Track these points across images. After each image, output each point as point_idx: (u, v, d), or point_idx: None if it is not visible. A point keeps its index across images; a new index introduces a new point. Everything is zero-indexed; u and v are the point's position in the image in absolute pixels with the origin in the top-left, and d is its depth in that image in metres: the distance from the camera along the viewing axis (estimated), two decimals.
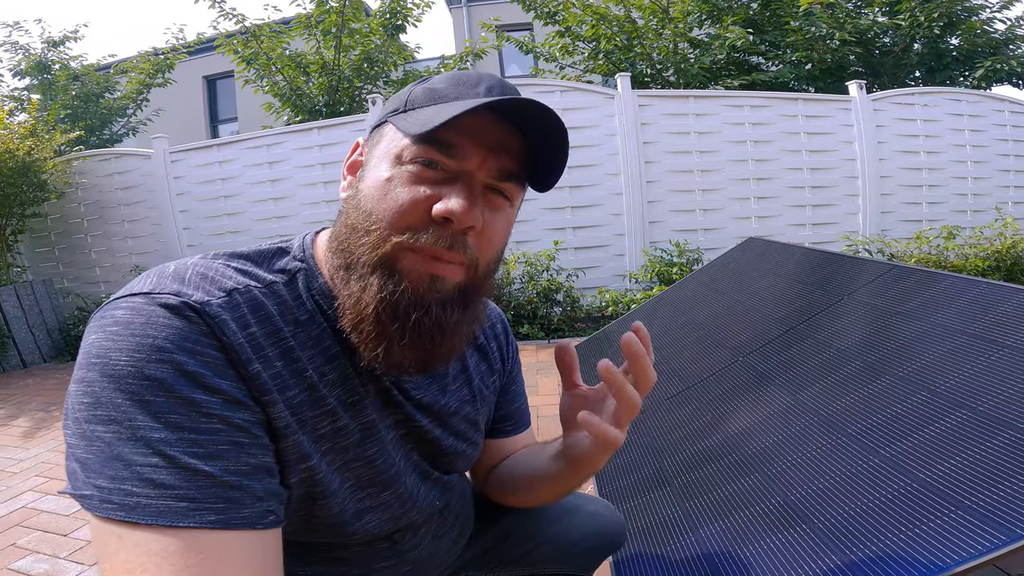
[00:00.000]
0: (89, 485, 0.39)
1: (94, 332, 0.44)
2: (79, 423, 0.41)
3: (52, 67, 6.58)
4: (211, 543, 0.40)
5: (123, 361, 0.41)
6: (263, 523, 0.43)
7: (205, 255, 0.52)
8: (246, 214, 4.77)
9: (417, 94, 0.53)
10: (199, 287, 0.46)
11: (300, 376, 0.50)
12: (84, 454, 0.40)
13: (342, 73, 5.65)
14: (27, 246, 5.27)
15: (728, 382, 1.64)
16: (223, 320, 0.45)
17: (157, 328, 0.42)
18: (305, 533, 0.56)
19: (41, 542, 1.71)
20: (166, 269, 0.48)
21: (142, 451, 0.40)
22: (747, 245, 2.65)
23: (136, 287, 0.46)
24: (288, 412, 0.48)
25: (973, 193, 4.87)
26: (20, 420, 2.97)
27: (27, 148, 4.34)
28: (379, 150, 0.53)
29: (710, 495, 1.20)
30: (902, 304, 1.47)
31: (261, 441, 0.46)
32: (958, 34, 5.50)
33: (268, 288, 0.51)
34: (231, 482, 0.42)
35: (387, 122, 0.54)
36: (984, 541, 0.78)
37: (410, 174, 0.50)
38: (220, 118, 11.70)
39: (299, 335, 0.51)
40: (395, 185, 0.50)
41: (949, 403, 1.06)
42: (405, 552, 0.64)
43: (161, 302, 0.44)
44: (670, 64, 5.58)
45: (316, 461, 0.51)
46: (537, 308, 3.92)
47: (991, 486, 0.85)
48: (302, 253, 0.55)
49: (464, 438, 0.67)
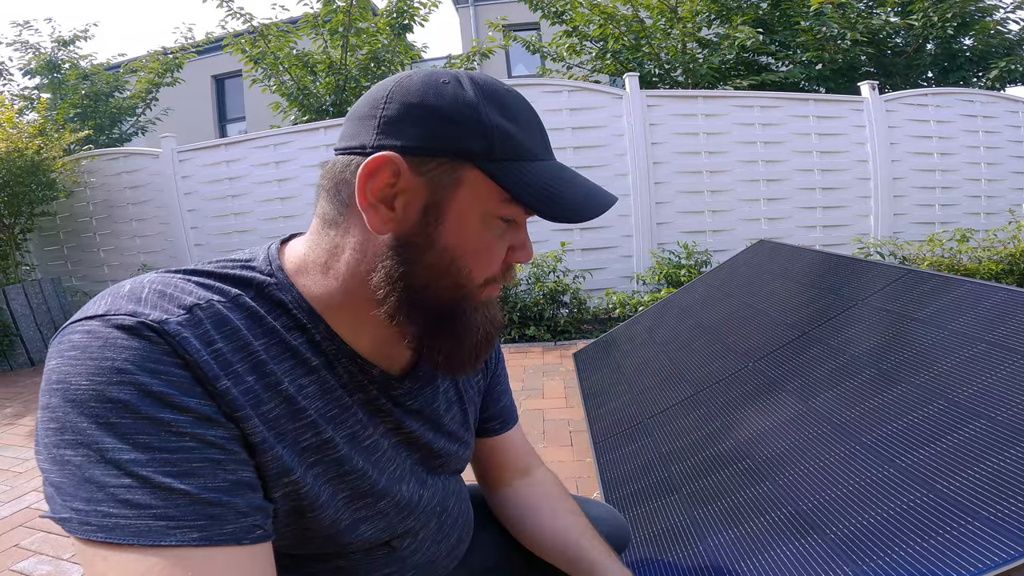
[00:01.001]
0: (67, 508, 0.39)
1: (53, 358, 0.43)
2: (49, 448, 0.41)
3: (62, 66, 6.63)
4: (197, 560, 0.39)
5: (84, 385, 0.40)
6: (250, 538, 0.42)
7: (165, 270, 0.50)
8: (253, 213, 4.79)
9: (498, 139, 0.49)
10: (156, 306, 0.45)
11: (274, 390, 0.49)
12: (58, 478, 0.40)
13: (349, 72, 5.66)
14: (36, 244, 5.32)
15: (738, 388, 1.61)
16: (184, 338, 0.43)
17: (115, 350, 0.41)
18: (301, 546, 0.55)
19: (44, 543, 1.71)
20: (121, 289, 0.47)
21: (113, 472, 0.39)
22: (757, 248, 2.62)
23: (90, 310, 0.44)
24: (264, 427, 0.47)
25: (986, 195, 4.80)
26: (26, 419, 2.98)
27: (36, 147, 4.37)
28: (462, 199, 0.50)
29: (719, 503, 1.18)
30: (918, 310, 1.44)
31: (238, 457, 0.44)
32: (971, 34, 5.43)
33: (233, 302, 0.49)
34: (210, 499, 0.41)
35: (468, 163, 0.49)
36: (1001, 552, 0.76)
37: (495, 232, 0.53)
38: (228, 117, 11.78)
39: (272, 348, 0.49)
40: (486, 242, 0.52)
41: (967, 413, 1.03)
42: (405, 558, 0.63)
43: (116, 323, 0.42)
44: (679, 64, 5.55)
45: (300, 474, 0.50)
46: (544, 309, 3.90)
47: (1009, 497, 0.83)
48: (268, 266, 0.53)
49: (455, 439, 0.68)
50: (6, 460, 2.42)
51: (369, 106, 0.50)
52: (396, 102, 0.49)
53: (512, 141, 0.50)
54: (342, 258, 0.52)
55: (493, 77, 0.54)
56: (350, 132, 0.51)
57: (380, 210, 0.49)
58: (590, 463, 1.85)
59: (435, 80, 0.50)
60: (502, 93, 0.51)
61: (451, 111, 0.49)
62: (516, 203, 0.50)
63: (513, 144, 0.50)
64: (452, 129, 0.48)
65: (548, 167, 0.52)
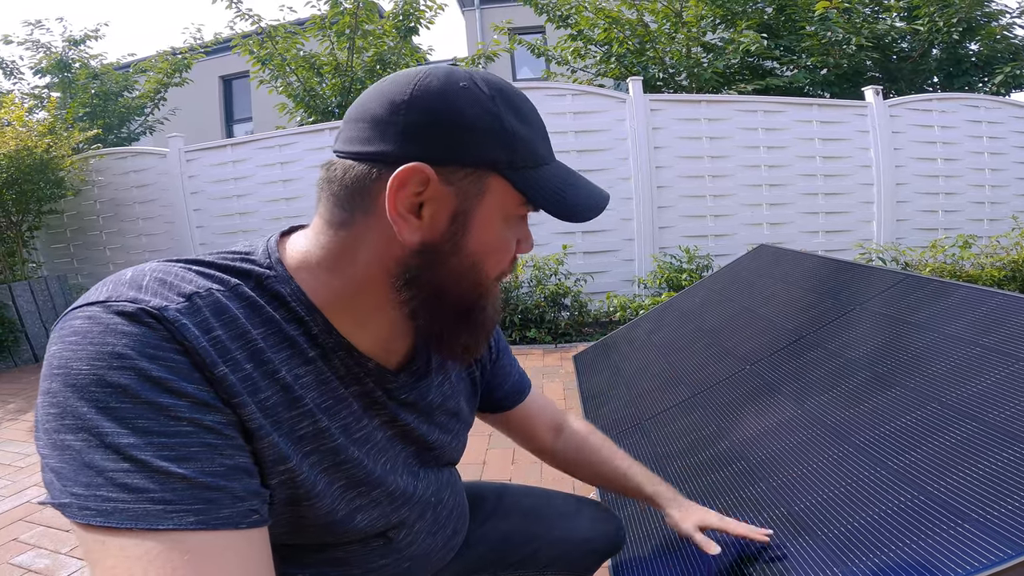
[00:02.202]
0: (66, 493, 0.39)
1: (54, 344, 0.43)
2: (49, 433, 0.41)
3: (72, 65, 6.69)
4: (194, 544, 0.39)
5: (84, 370, 0.41)
6: (246, 522, 0.43)
7: (166, 259, 0.51)
8: (258, 213, 4.82)
9: (519, 148, 0.52)
10: (156, 293, 0.45)
11: (272, 378, 0.49)
12: (57, 463, 0.40)
13: (355, 74, 5.69)
14: (43, 242, 5.37)
15: (735, 390, 1.62)
16: (183, 324, 0.44)
17: (116, 336, 0.42)
18: (297, 535, 0.55)
19: (43, 537, 1.72)
20: (123, 276, 0.48)
21: (112, 457, 0.39)
22: (758, 252, 2.62)
23: (92, 296, 0.45)
24: (260, 414, 0.48)
25: (990, 201, 4.79)
26: (29, 415, 3.00)
27: (45, 146, 4.41)
28: (486, 206, 0.52)
29: (714, 503, 1.19)
30: (915, 315, 1.44)
31: (235, 442, 0.45)
32: (977, 39, 5.42)
33: (232, 291, 0.50)
34: (207, 483, 0.41)
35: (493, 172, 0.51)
36: (989, 554, 0.76)
37: (510, 230, 0.56)
38: (235, 118, 11.84)
39: (270, 336, 0.50)
40: (505, 242, 0.56)
41: (959, 415, 1.04)
42: (401, 549, 0.64)
43: (117, 309, 0.43)
44: (683, 68, 5.55)
45: (296, 463, 0.50)
46: (545, 312, 3.91)
47: (999, 499, 0.83)
48: (268, 259, 0.54)
49: (447, 430, 0.69)
50: (8, 455, 2.44)
51: (387, 110, 0.49)
52: (418, 108, 0.48)
53: (529, 148, 0.53)
54: (355, 260, 0.52)
55: (498, 76, 0.55)
56: (363, 135, 0.50)
57: (410, 220, 0.49)
58: None
59: (455, 83, 0.49)
60: (512, 94, 0.53)
61: (474, 119, 0.49)
62: (533, 206, 0.55)
63: (530, 151, 0.53)
64: (477, 137, 0.49)
65: (557, 170, 0.56)
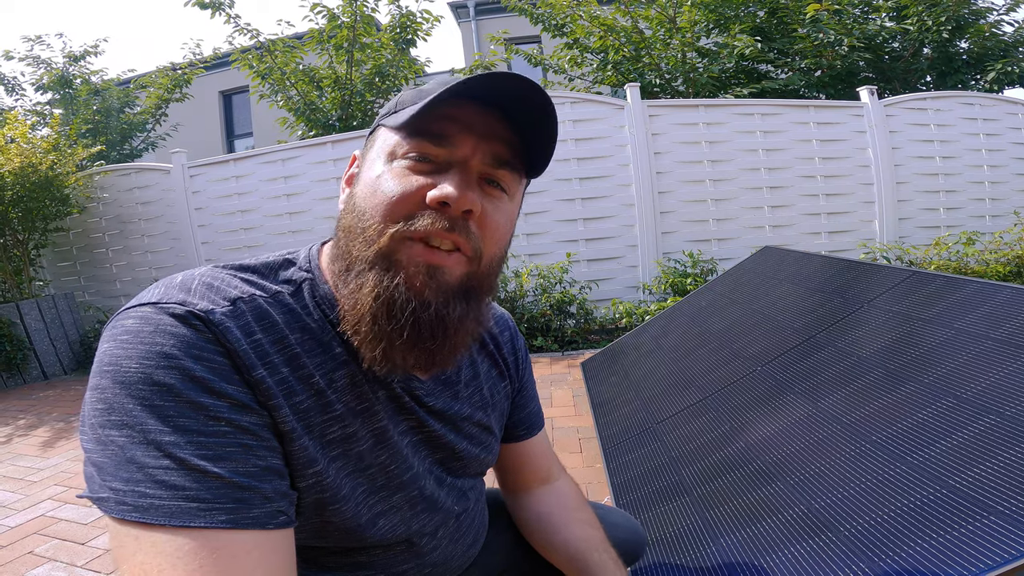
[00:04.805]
0: (105, 488, 0.41)
1: (106, 341, 0.45)
2: (94, 428, 0.43)
3: (73, 81, 6.71)
4: (223, 542, 0.40)
5: (133, 368, 0.43)
6: (274, 523, 0.44)
7: (214, 265, 0.54)
8: (262, 228, 4.83)
9: (406, 96, 0.55)
10: (204, 296, 0.48)
11: (307, 382, 0.51)
12: (100, 458, 0.42)
13: (354, 87, 5.73)
14: (49, 260, 5.38)
15: (747, 392, 1.62)
16: (227, 327, 0.47)
17: (165, 336, 0.44)
18: (321, 538, 0.56)
19: (59, 550, 1.72)
20: (174, 280, 0.50)
21: (154, 454, 0.41)
22: (762, 254, 2.63)
23: (144, 297, 0.48)
24: (294, 417, 0.49)
25: (991, 197, 4.81)
26: (40, 430, 3.02)
27: (50, 163, 4.42)
28: (372, 153, 0.55)
29: (731, 504, 1.19)
30: (924, 311, 1.45)
31: (269, 444, 0.47)
32: (967, 37, 5.46)
33: (273, 298, 0.52)
34: (240, 483, 0.43)
35: (379, 127, 0.56)
36: (1018, 546, 0.76)
37: (402, 168, 0.51)
38: (236, 133, 11.90)
39: (306, 343, 0.52)
40: (387, 179, 0.51)
41: (976, 409, 1.04)
42: (423, 556, 0.65)
43: (168, 311, 0.45)
44: (679, 74, 5.59)
45: (323, 466, 0.52)
46: (551, 320, 3.91)
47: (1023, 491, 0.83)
48: (308, 264, 0.57)
49: (478, 442, 0.68)
50: (21, 469, 2.45)
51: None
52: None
53: (417, 93, 0.53)
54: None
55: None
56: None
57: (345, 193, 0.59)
58: (600, 468, 1.86)
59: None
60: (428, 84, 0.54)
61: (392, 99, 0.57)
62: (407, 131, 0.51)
63: (417, 94, 0.53)
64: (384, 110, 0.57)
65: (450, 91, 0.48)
